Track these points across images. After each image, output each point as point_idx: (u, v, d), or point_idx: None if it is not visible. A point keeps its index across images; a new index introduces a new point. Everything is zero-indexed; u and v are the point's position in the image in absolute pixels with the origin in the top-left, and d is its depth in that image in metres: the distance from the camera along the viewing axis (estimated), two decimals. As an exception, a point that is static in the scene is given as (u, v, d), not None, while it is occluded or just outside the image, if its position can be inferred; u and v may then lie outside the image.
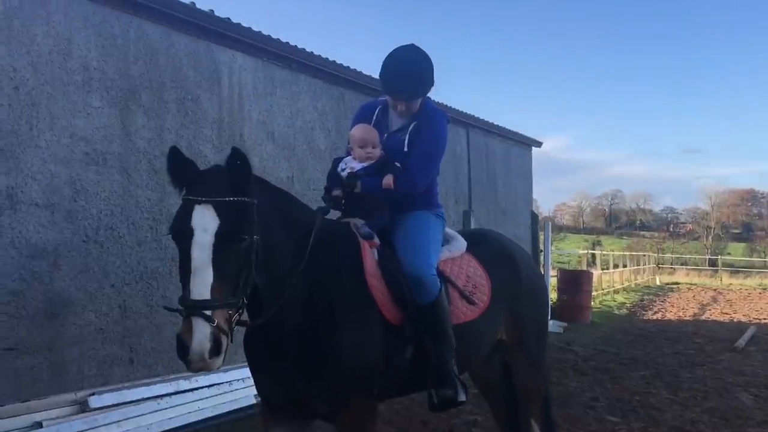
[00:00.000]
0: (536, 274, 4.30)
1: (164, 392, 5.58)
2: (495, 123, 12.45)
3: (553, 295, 14.25)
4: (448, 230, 3.75)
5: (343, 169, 3.42)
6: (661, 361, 9.43)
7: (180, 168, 2.57)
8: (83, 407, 5.04)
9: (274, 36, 7.29)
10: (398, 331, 3.13)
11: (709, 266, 37.01)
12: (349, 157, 3.46)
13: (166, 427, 5.41)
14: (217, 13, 6.62)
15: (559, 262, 34.50)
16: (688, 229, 78.77)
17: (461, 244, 3.72)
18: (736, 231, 76.69)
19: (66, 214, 5.27)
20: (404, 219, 3.45)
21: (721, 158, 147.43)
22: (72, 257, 5.28)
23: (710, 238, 68.57)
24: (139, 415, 5.29)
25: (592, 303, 15.62)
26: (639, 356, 9.78)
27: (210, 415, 5.78)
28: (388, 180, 3.27)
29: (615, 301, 19.31)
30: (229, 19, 6.75)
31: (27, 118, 5.02)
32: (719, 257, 38.16)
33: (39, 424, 4.74)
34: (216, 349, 2.32)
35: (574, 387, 7.52)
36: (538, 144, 14.62)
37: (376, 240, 3.30)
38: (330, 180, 3.50)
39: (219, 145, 6.66)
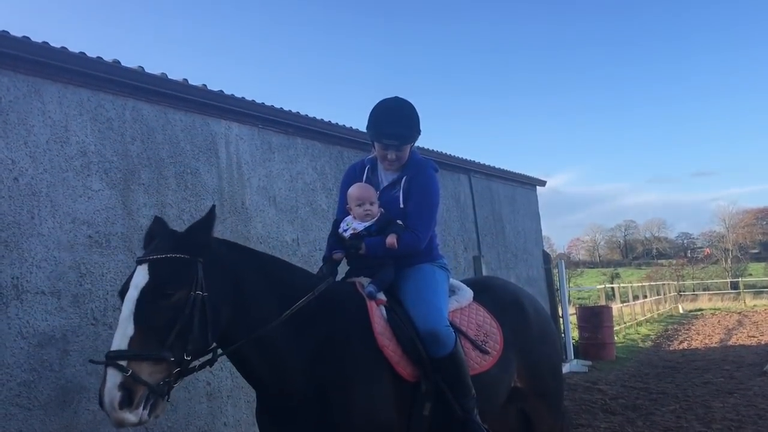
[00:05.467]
0: (544, 316, 4.24)
1: (183, 472, 5.47)
2: (496, 166, 12.48)
3: (574, 334, 14.02)
4: (452, 281, 3.73)
5: (345, 230, 3.41)
6: (691, 392, 9.19)
7: (149, 235, 2.84)
8: (101, 495, 4.94)
9: (267, 103, 7.41)
10: (414, 388, 3.08)
11: (731, 289, 36.41)
12: (350, 217, 3.45)
13: None
14: (209, 87, 6.75)
15: (579, 299, 34.14)
16: (706, 253, 77.86)
17: (468, 293, 3.68)
18: (755, 251, 75.65)
19: (72, 299, 5.26)
20: (409, 274, 3.42)
21: (732, 179, 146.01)
22: (81, 342, 5.25)
23: (729, 260, 67.67)
24: (159, 499, 5.18)
25: (616, 338, 15.34)
26: (668, 389, 9.55)
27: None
28: (391, 240, 3.26)
29: (639, 333, 18.98)
30: (222, 91, 6.88)
31: (28, 208, 5.07)
32: (740, 279, 37.54)
33: None
34: (128, 400, 2.28)
35: (604, 428, 7.33)
36: (542, 183, 14.62)
37: (382, 297, 3.26)
38: (330, 243, 3.48)
39: (221, 215, 6.68)
